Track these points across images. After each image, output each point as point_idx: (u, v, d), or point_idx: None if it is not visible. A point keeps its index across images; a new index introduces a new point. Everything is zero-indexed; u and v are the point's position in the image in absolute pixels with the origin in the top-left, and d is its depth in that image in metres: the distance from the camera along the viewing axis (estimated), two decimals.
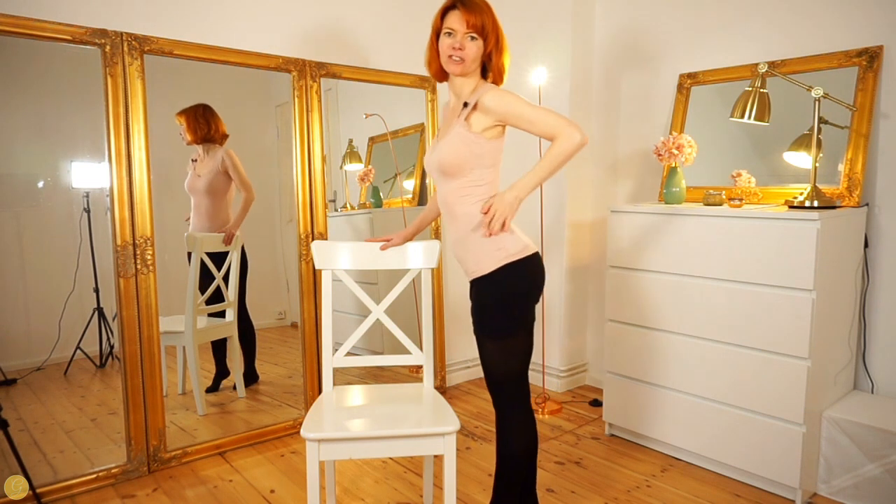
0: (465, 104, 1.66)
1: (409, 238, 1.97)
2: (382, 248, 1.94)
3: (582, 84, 3.20)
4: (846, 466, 2.13)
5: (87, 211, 2.46)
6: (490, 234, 1.60)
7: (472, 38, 1.62)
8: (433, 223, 3.19)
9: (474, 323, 1.72)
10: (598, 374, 3.30)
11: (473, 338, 1.78)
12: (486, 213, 1.59)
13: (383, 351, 3.02)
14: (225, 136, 2.71)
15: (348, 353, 1.93)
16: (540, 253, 1.75)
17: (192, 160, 2.72)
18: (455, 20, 1.62)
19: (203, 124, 2.67)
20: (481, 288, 1.68)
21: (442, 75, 1.73)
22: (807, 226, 2.01)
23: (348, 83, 2.90)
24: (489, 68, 1.70)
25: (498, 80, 1.70)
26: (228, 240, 2.73)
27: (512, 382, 1.76)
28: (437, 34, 1.68)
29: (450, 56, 1.63)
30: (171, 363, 2.78)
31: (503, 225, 1.59)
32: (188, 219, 2.73)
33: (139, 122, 2.27)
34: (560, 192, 3.20)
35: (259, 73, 2.59)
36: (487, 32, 1.62)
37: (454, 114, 1.71)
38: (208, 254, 2.70)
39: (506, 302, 1.66)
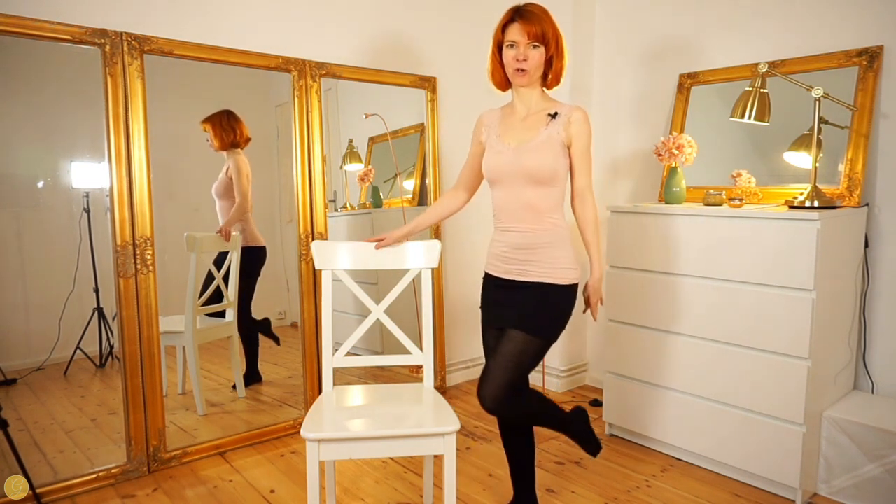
0: (555, 114, 1.77)
1: (404, 238, 1.97)
2: (377, 248, 1.94)
3: (582, 84, 3.19)
4: (846, 466, 2.12)
5: (87, 211, 2.46)
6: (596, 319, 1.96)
7: (535, 46, 1.71)
8: (435, 226, 3.19)
9: (524, 321, 1.77)
10: (598, 374, 3.30)
11: (473, 337, 1.80)
12: (590, 302, 1.92)
13: (383, 351, 3.02)
14: (248, 140, 2.77)
15: (348, 353, 1.93)
16: None
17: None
18: (516, 32, 1.71)
19: (229, 130, 2.72)
20: (550, 294, 1.80)
21: (505, 85, 1.85)
22: (807, 226, 2.01)
23: (348, 83, 2.90)
24: (549, 72, 1.79)
25: (554, 83, 1.82)
26: (226, 237, 2.75)
27: (526, 375, 1.85)
28: (498, 46, 1.78)
29: (516, 69, 1.73)
30: (171, 363, 2.78)
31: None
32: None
33: (139, 122, 2.27)
34: None
35: (259, 73, 2.59)
36: (548, 39, 1.71)
37: (531, 122, 1.81)
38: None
39: (567, 313, 1.84)
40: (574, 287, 1.84)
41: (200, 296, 2.70)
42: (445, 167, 3.27)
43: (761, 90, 2.30)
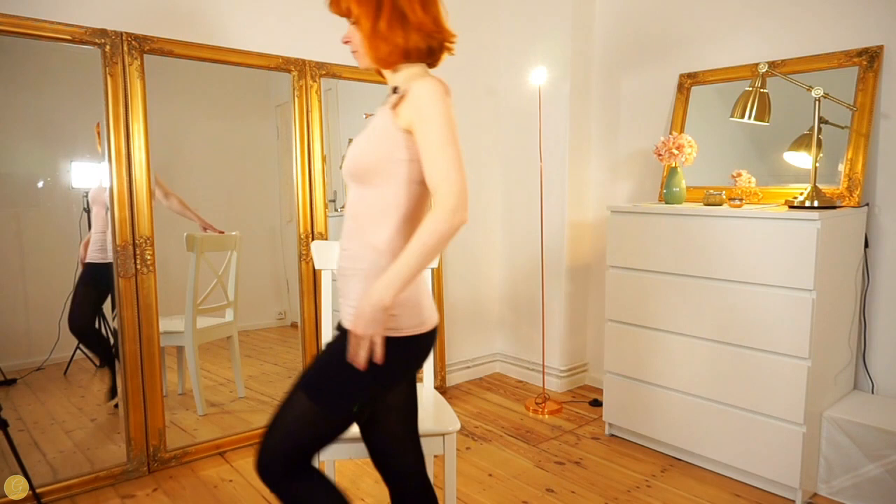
0: (396, 89, 1.33)
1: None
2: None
3: (582, 84, 3.20)
4: (846, 466, 2.12)
5: (87, 211, 2.46)
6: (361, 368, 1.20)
7: (352, 23, 1.33)
8: None
9: (307, 374, 1.32)
10: (598, 374, 3.30)
11: (473, 338, 1.76)
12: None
13: None
14: None
15: None
16: (436, 328, 1.36)
17: None
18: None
19: None
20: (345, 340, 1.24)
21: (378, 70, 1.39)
22: (807, 226, 2.01)
23: (348, 83, 2.90)
24: (373, 49, 1.31)
25: (380, 61, 1.32)
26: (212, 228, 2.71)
27: (296, 446, 1.30)
28: None
29: (353, 52, 1.35)
30: (171, 363, 2.78)
31: (373, 349, 1.20)
32: None
33: (139, 121, 2.26)
34: (560, 192, 3.20)
35: (259, 73, 2.59)
36: (355, 13, 1.30)
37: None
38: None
39: (333, 362, 1.29)
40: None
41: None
42: None
43: (761, 90, 2.30)
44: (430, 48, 1.36)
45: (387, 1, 1.28)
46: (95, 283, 2.44)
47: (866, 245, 2.32)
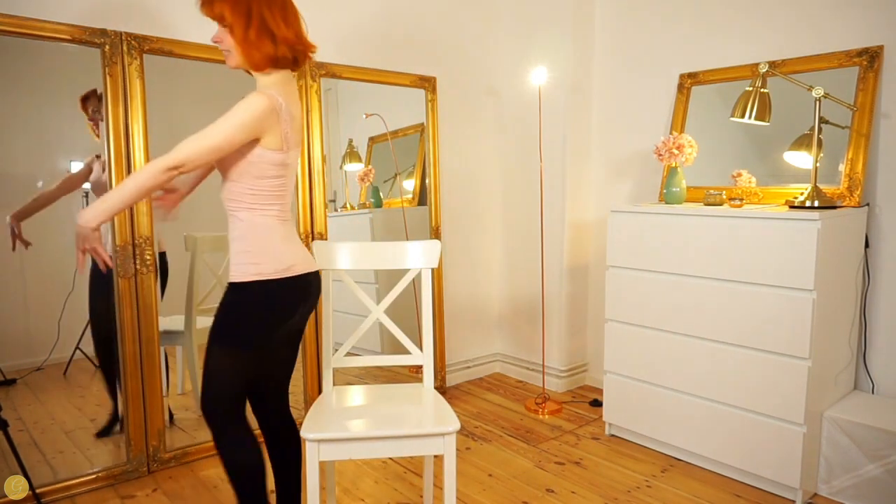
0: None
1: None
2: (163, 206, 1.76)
3: (582, 84, 3.19)
4: (846, 466, 2.12)
5: None
6: (79, 268, 1.50)
7: (224, 27, 1.52)
8: (433, 223, 3.19)
9: (213, 328, 1.60)
10: (598, 374, 3.29)
11: (473, 338, 1.77)
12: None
13: (383, 351, 3.02)
14: None
15: (348, 354, 1.93)
16: (311, 273, 1.66)
17: None
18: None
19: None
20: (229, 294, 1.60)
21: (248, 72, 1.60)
22: (807, 226, 2.01)
23: (348, 83, 2.90)
24: (246, 55, 1.52)
25: (251, 64, 1.53)
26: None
27: (221, 395, 1.62)
28: None
29: (224, 52, 1.55)
30: (171, 363, 2.77)
31: (88, 252, 1.48)
32: None
33: (139, 122, 2.26)
34: (560, 192, 3.20)
35: None
36: (230, 20, 1.49)
37: None
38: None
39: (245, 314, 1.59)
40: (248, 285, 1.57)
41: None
42: (445, 167, 3.27)
43: (761, 90, 2.30)
44: (294, 58, 1.58)
45: (255, 14, 1.49)
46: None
47: (867, 245, 2.32)
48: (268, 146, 1.53)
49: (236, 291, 1.59)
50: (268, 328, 1.61)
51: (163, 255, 2.55)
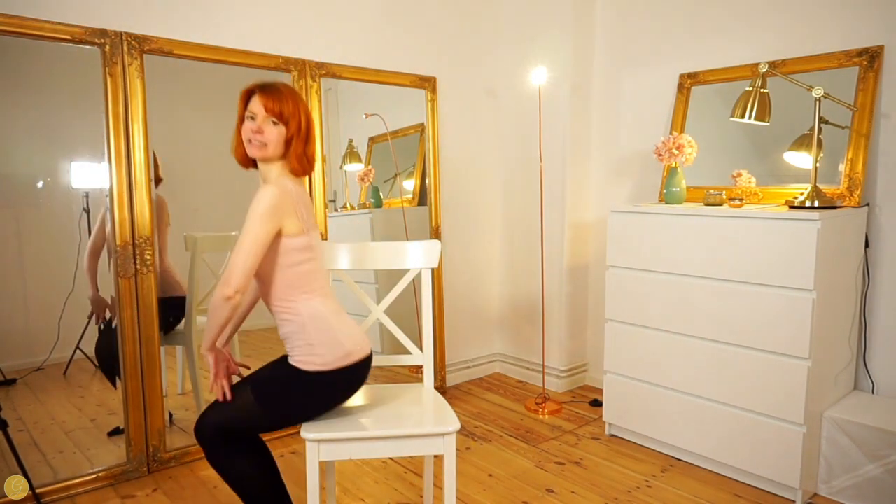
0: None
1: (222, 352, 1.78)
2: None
3: (582, 84, 3.20)
4: (846, 466, 2.12)
5: (87, 211, 2.45)
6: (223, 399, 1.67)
7: (274, 122, 1.62)
8: (433, 223, 3.20)
9: (259, 379, 1.71)
10: (598, 374, 3.30)
11: (473, 338, 1.77)
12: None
13: (383, 351, 3.02)
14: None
15: None
16: (367, 358, 1.71)
17: None
18: (256, 105, 1.62)
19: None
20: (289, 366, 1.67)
21: (247, 161, 1.70)
22: (807, 226, 2.01)
23: (348, 83, 2.90)
24: (290, 155, 1.65)
25: (298, 170, 1.66)
26: None
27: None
28: (242, 120, 1.66)
29: (249, 140, 1.62)
30: (170, 363, 2.77)
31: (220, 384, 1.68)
32: None
33: (139, 122, 2.27)
34: (560, 192, 3.20)
35: (259, 73, 2.59)
36: (288, 118, 1.62)
37: None
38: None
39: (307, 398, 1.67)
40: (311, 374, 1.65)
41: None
42: (445, 167, 3.27)
43: (761, 90, 2.30)
44: (303, 168, 1.70)
45: (304, 121, 1.66)
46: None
47: (866, 245, 2.32)
48: (290, 233, 1.61)
49: (298, 373, 1.64)
50: (312, 414, 1.67)
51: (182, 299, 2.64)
